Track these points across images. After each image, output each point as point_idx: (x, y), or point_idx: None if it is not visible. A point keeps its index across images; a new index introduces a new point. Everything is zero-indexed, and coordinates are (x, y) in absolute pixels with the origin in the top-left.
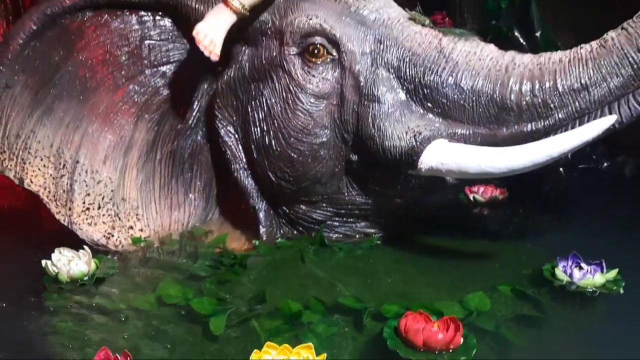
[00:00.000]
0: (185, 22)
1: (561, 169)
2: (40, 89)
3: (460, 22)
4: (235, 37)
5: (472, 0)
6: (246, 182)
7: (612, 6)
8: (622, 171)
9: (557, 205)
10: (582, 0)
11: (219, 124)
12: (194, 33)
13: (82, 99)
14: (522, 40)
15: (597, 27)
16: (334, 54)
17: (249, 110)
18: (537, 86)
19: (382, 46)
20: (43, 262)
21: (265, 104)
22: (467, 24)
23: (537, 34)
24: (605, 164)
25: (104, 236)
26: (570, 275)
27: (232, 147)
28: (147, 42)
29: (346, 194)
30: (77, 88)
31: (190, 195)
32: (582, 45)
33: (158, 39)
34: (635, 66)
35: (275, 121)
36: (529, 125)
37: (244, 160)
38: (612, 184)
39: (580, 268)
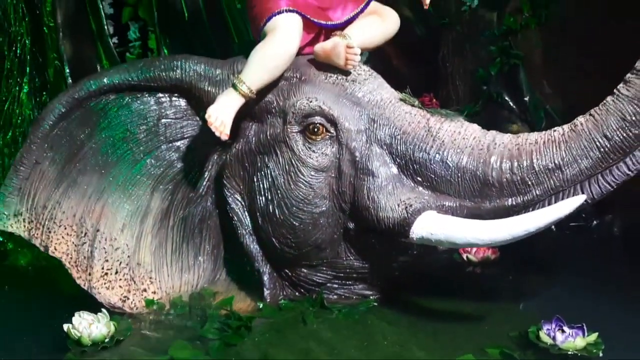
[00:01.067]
0: (198, 102)
1: (553, 227)
2: (66, 164)
3: (452, 97)
4: (243, 113)
5: (462, 69)
6: (251, 247)
7: (598, 72)
8: (611, 230)
9: (548, 264)
10: (569, 66)
11: (227, 192)
12: (206, 116)
13: (103, 173)
14: (512, 104)
15: (584, 91)
16: (332, 131)
17: (255, 180)
18: (515, 165)
19: (375, 125)
20: (65, 326)
21: (270, 176)
22: (454, 104)
23: (526, 99)
24: (595, 222)
25: (120, 299)
26: (554, 338)
27: (239, 213)
28: (163, 120)
29: (344, 259)
30: (100, 163)
31: (200, 258)
32: (556, 128)
33: (173, 117)
34: (602, 150)
35: (278, 191)
36: (510, 200)
37: (250, 226)
38: (601, 243)
39: (563, 331)
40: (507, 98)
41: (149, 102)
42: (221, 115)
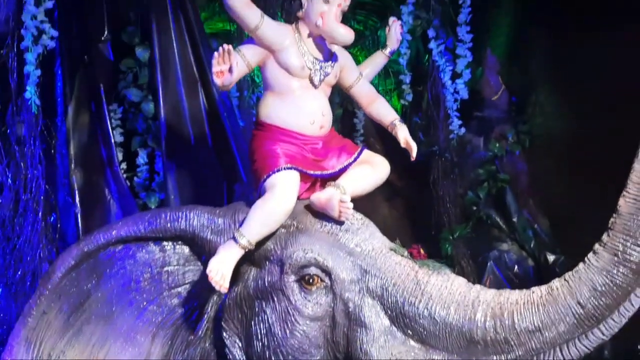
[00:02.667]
0: (201, 249)
1: None
2: (72, 314)
3: (444, 219)
4: (243, 258)
5: (452, 192)
6: None
7: (585, 190)
8: None
9: None
10: (554, 187)
11: (226, 335)
12: (207, 271)
13: (107, 321)
14: (501, 225)
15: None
16: (327, 281)
17: (253, 325)
18: (498, 324)
19: (368, 276)
20: None
21: (267, 322)
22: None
23: (514, 219)
24: None
25: None
26: None
27: (237, 355)
28: (167, 268)
29: None
30: (104, 312)
31: None
32: (534, 289)
33: (176, 264)
34: (577, 316)
35: (275, 338)
36: (495, 358)
37: None
38: None
39: None
40: (496, 219)
41: (154, 250)
42: (222, 268)
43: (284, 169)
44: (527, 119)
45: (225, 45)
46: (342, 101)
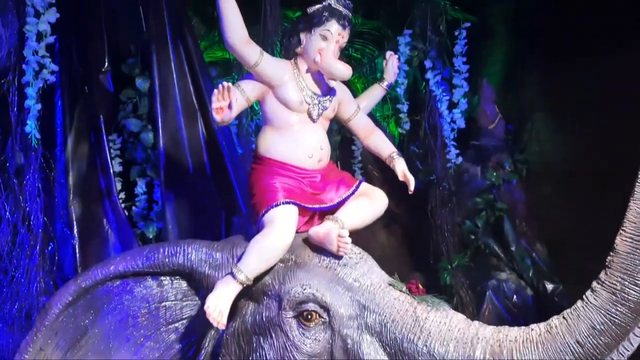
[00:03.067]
0: (199, 284)
1: None
2: (69, 350)
3: (442, 248)
4: (241, 292)
5: (450, 221)
6: None
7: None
8: None
9: None
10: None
11: None
12: (205, 307)
13: (104, 358)
14: (499, 254)
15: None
16: (325, 317)
17: None
18: None
19: (366, 312)
20: None
21: (264, 358)
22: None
23: (513, 248)
24: None
25: None
26: None
27: None
28: (164, 303)
29: None
30: (101, 348)
31: None
32: (533, 326)
33: (174, 299)
34: (576, 355)
35: None
36: None
37: None
38: None
39: None
40: (494, 248)
41: (152, 286)
42: (219, 305)
43: (283, 203)
44: (523, 147)
45: (225, 83)
46: (340, 128)
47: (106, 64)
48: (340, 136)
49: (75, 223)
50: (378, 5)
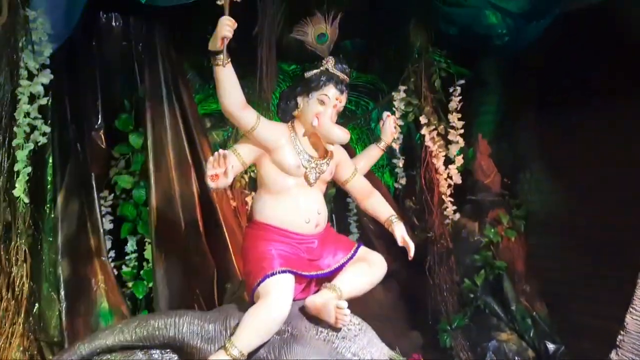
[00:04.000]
0: (190, 357)
1: None
2: None
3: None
4: None
5: (449, 280)
6: None
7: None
8: None
9: None
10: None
11: None
12: None
13: None
14: (500, 313)
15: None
16: None
17: None
18: None
19: None
20: None
21: None
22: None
23: (513, 308)
24: None
25: None
26: None
27: None
28: None
29: None
30: None
31: None
32: None
33: None
34: None
35: None
36: None
37: None
38: None
39: None
40: (494, 307)
41: (142, 358)
42: None
43: (279, 272)
44: (520, 202)
45: (221, 150)
46: (334, 181)
47: (99, 120)
48: (335, 188)
49: (62, 284)
50: (373, 60)
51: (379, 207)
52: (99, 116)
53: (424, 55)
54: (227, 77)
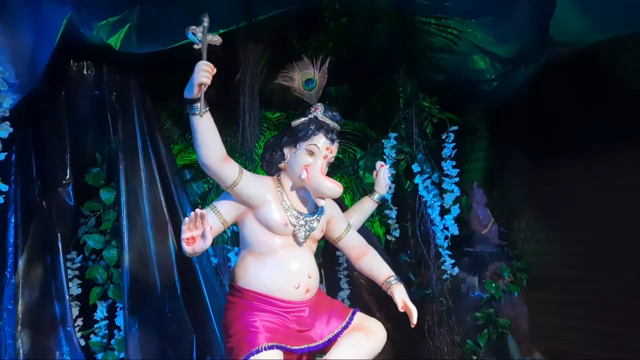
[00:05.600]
0: None
1: None
2: None
3: None
4: None
5: (450, 341)
6: None
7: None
8: None
9: None
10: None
11: None
12: None
13: None
14: None
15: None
16: None
17: None
18: None
19: None
20: None
21: None
22: None
23: None
24: None
25: None
26: None
27: None
28: None
29: None
30: None
31: None
32: None
33: None
34: None
35: None
36: None
37: None
38: None
39: None
40: None
41: None
42: None
43: (265, 348)
44: (520, 253)
45: (199, 210)
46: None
47: (68, 175)
48: (323, 241)
49: (22, 357)
50: (359, 106)
51: (376, 267)
52: (67, 171)
53: (414, 102)
54: (205, 128)
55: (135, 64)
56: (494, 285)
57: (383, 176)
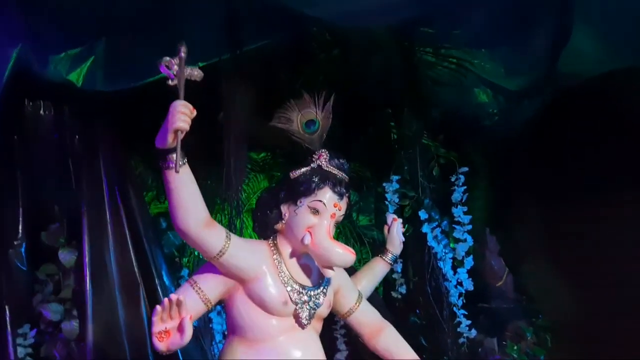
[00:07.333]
0: None
1: None
2: None
3: None
4: None
5: None
6: None
7: None
8: None
9: None
10: None
11: None
12: None
13: None
14: None
15: None
16: None
17: None
18: None
19: None
20: None
21: None
22: None
23: None
24: None
25: None
26: None
27: None
28: None
29: None
30: None
31: None
32: None
33: None
34: None
35: None
36: None
37: None
38: None
39: None
40: None
41: None
42: None
43: None
44: (541, 307)
45: (173, 296)
46: None
47: (19, 234)
48: None
49: None
50: (350, 146)
51: (394, 348)
52: (19, 229)
53: (418, 141)
54: (182, 186)
55: (100, 102)
56: (515, 348)
57: (397, 232)
